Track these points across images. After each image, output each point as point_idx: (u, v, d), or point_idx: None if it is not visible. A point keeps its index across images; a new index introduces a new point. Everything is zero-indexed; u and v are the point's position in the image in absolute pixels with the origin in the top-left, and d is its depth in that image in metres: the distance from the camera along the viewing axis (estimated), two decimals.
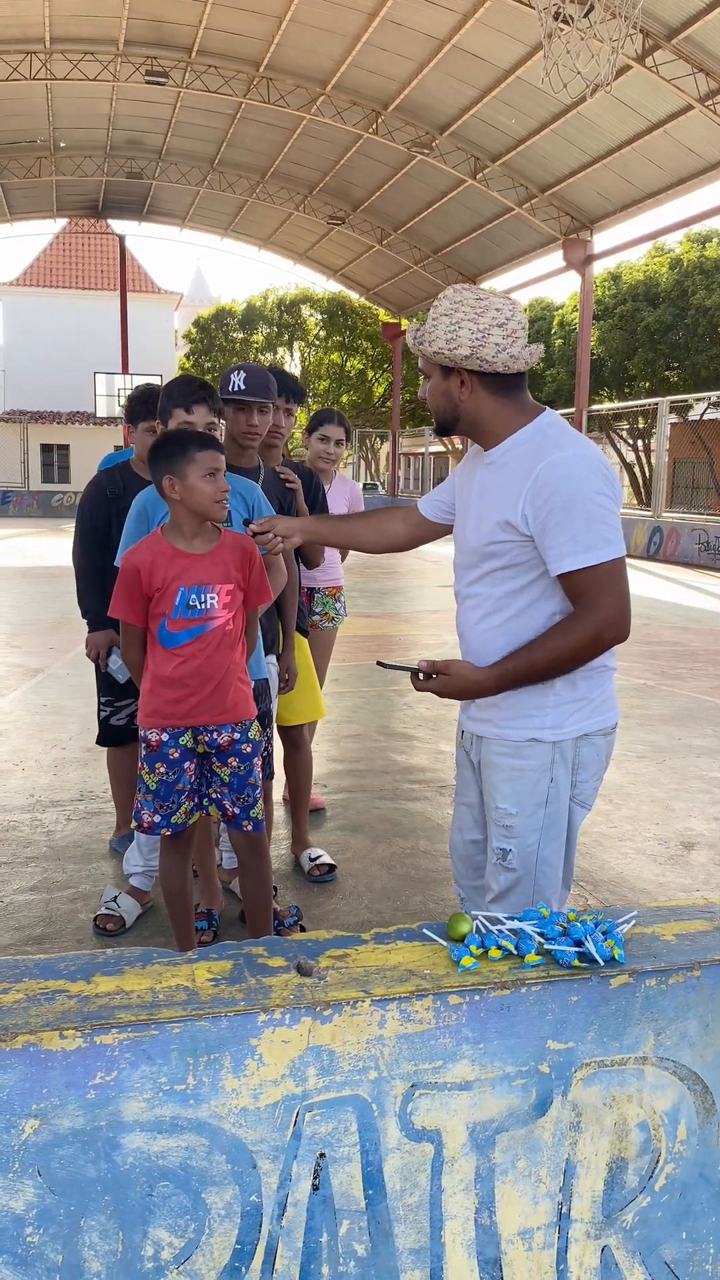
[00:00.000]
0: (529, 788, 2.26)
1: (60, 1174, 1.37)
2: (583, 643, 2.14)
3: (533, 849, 2.28)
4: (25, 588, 14.25)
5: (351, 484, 4.85)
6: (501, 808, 2.28)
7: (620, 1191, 1.63)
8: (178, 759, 2.92)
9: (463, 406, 2.21)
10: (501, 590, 2.24)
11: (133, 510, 3.25)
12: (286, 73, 21.07)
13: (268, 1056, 1.43)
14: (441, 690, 2.26)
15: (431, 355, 2.18)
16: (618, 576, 2.13)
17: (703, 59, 16.05)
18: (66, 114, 23.79)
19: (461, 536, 2.36)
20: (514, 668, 2.20)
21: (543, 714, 2.24)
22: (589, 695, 2.27)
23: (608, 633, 2.14)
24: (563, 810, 2.29)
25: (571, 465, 2.11)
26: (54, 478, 40.63)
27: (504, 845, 2.30)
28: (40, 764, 5.52)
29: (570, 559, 2.10)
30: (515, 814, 2.27)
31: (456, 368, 2.17)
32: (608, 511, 2.12)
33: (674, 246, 31.25)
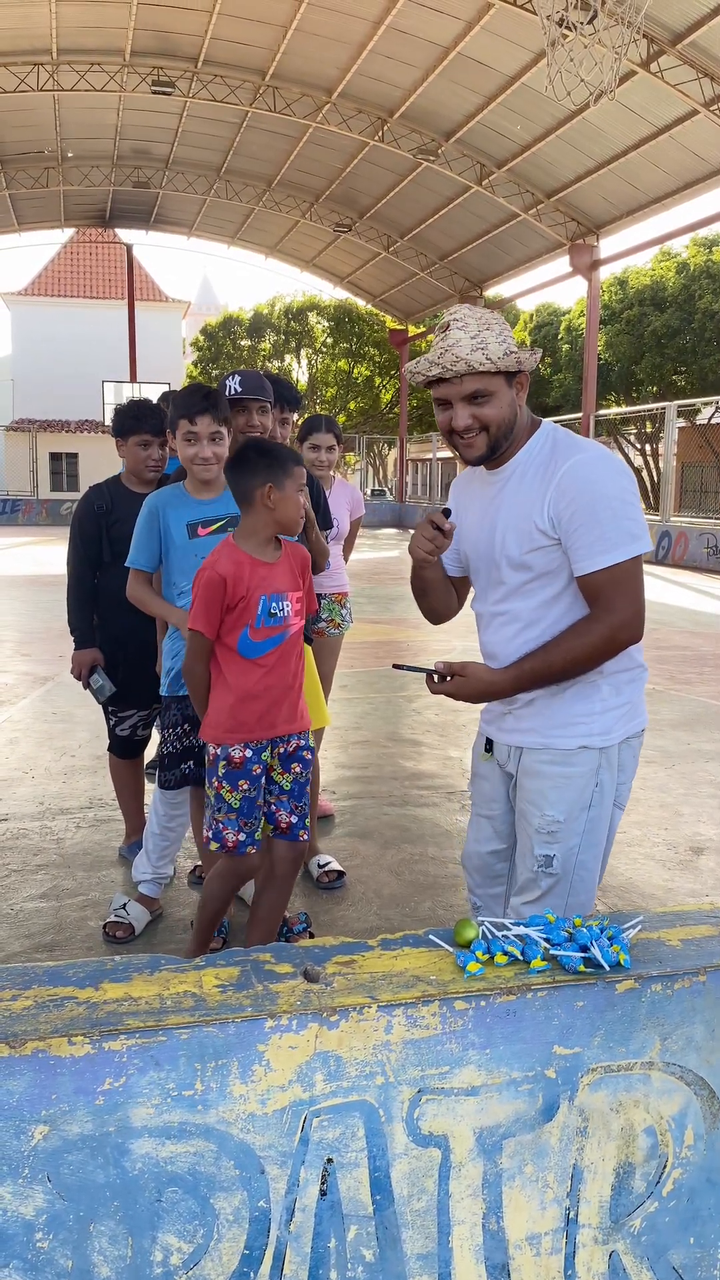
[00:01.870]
0: (576, 794, 2.26)
1: (70, 1180, 1.38)
2: (599, 643, 2.14)
3: (574, 851, 2.29)
4: (35, 596, 14.29)
5: (351, 488, 4.87)
6: (549, 815, 2.27)
7: (628, 1197, 1.63)
8: (259, 774, 2.90)
9: (519, 415, 2.21)
10: (534, 602, 2.24)
11: (144, 512, 3.29)
12: (292, 81, 21.16)
13: (275, 1062, 1.44)
14: (457, 692, 2.25)
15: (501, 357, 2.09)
16: (635, 576, 2.14)
17: (708, 64, 16.08)
18: (74, 124, 23.93)
19: (484, 556, 2.32)
20: (530, 669, 2.19)
21: (590, 720, 2.24)
22: (631, 699, 2.29)
23: (623, 633, 2.14)
24: (605, 814, 2.31)
25: (594, 465, 2.13)
26: (63, 486, 40.76)
27: (548, 851, 2.28)
28: (50, 772, 5.54)
29: (597, 558, 2.10)
30: (562, 821, 2.26)
31: (520, 372, 2.17)
32: (633, 507, 2.13)
33: (681, 251, 31.27)
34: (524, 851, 2.35)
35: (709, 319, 29.10)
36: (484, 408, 2.16)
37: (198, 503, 3.27)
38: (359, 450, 41.93)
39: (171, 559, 3.28)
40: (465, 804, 5.02)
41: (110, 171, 27.13)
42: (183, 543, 3.25)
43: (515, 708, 2.32)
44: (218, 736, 2.89)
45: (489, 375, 2.13)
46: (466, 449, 2.22)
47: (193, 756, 3.36)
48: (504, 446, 2.22)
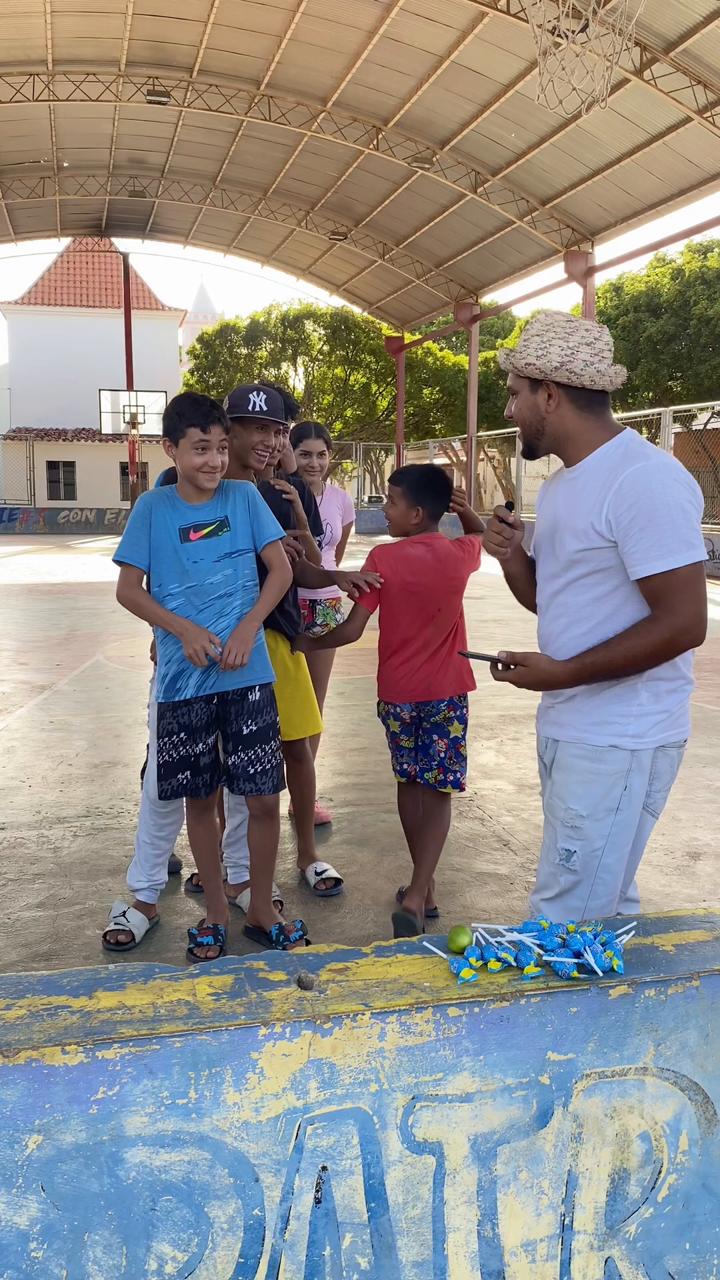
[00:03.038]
0: (602, 792, 2.30)
1: (64, 1189, 1.38)
2: (658, 645, 2.20)
3: (597, 853, 2.32)
4: (32, 605, 14.30)
5: (342, 494, 4.90)
6: (573, 808, 2.32)
7: (623, 1203, 1.63)
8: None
9: (548, 420, 2.32)
10: (585, 598, 2.31)
11: (137, 509, 3.26)
12: (287, 90, 21.22)
13: (269, 1070, 1.44)
14: (519, 680, 2.34)
15: (522, 368, 2.29)
16: (696, 581, 2.18)
17: (701, 71, 16.13)
18: (69, 134, 23.98)
19: (546, 550, 2.43)
20: (591, 663, 2.26)
21: (626, 722, 2.29)
22: (670, 709, 2.32)
23: (683, 637, 2.19)
24: (632, 819, 2.33)
25: (655, 473, 2.19)
26: (60, 495, 40.77)
27: (569, 846, 2.33)
28: (47, 781, 5.54)
29: (653, 563, 2.16)
30: (585, 816, 2.31)
31: (545, 380, 2.28)
32: (689, 516, 2.18)
33: (675, 257, 31.36)
34: (547, 846, 2.40)
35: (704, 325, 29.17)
36: (512, 403, 2.38)
37: (190, 508, 3.25)
38: (356, 457, 41.96)
39: (160, 562, 3.24)
40: (461, 810, 5.02)
41: (106, 181, 27.18)
42: (174, 546, 3.22)
43: (558, 702, 2.40)
44: None
45: (518, 377, 2.32)
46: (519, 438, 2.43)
47: (189, 766, 3.35)
48: (537, 444, 2.37)
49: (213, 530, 3.24)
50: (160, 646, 3.34)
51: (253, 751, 3.33)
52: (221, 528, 3.25)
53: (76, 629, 11.61)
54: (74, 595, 15.32)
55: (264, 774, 3.35)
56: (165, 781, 3.37)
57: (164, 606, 3.23)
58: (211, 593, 3.22)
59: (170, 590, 3.22)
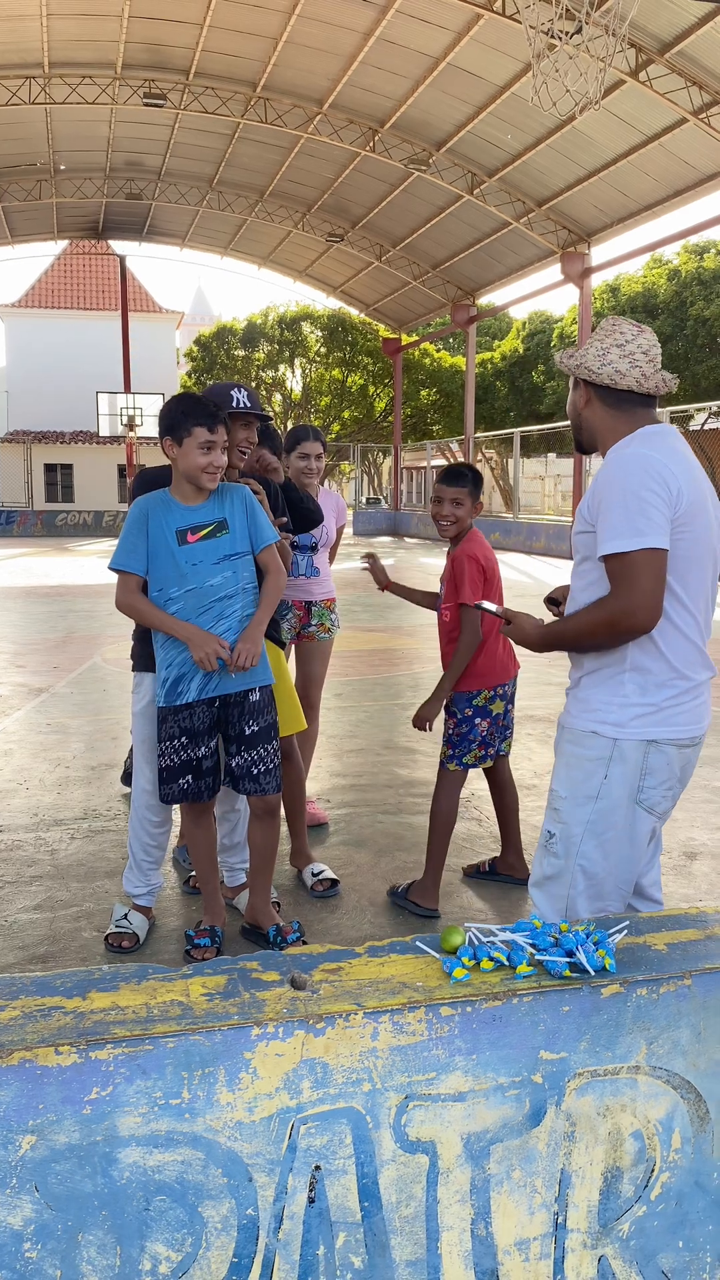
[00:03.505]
0: (582, 776, 2.35)
1: (57, 1189, 1.39)
2: (600, 623, 2.26)
3: (575, 840, 2.36)
4: (29, 607, 14.30)
5: (335, 496, 4.90)
6: (554, 789, 2.42)
7: (616, 1201, 1.64)
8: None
9: (582, 415, 2.44)
10: (582, 583, 2.39)
11: (134, 514, 3.24)
12: (283, 93, 21.24)
13: (262, 1070, 1.45)
14: (509, 635, 2.54)
15: (557, 365, 2.45)
16: (644, 567, 2.19)
17: (696, 72, 16.17)
18: (66, 137, 24.00)
19: None
20: (554, 631, 2.40)
21: (608, 710, 2.34)
22: (658, 703, 2.32)
23: (624, 619, 2.21)
24: (613, 811, 2.34)
25: (625, 460, 2.25)
26: (58, 497, 40.76)
27: (550, 827, 2.41)
28: (44, 783, 5.54)
29: (607, 544, 2.23)
30: (565, 798, 2.37)
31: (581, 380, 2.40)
32: (646, 504, 2.20)
33: (672, 258, 31.41)
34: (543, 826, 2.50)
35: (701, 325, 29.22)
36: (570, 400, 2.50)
37: (187, 509, 3.23)
38: (353, 459, 41.99)
39: (159, 566, 3.21)
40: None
41: (103, 183, 27.20)
42: (173, 549, 3.19)
43: (570, 689, 2.49)
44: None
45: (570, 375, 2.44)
46: None
47: (190, 770, 3.33)
48: (582, 438, 2.48)
49: (211, 531, 3.23)
50: (160, 651, 3.31)
51: (255, 751, 3.34)
52: (220, 529, 3.24)
53: (74, 631, 11.61)
54: (72, 598, 15.32)
55: (267, 774, 3.37)
56: (167, 786, 3.36)
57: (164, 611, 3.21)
58: (211, 595, 3.21)
59: (170, 594, 3.21)
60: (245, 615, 3.26)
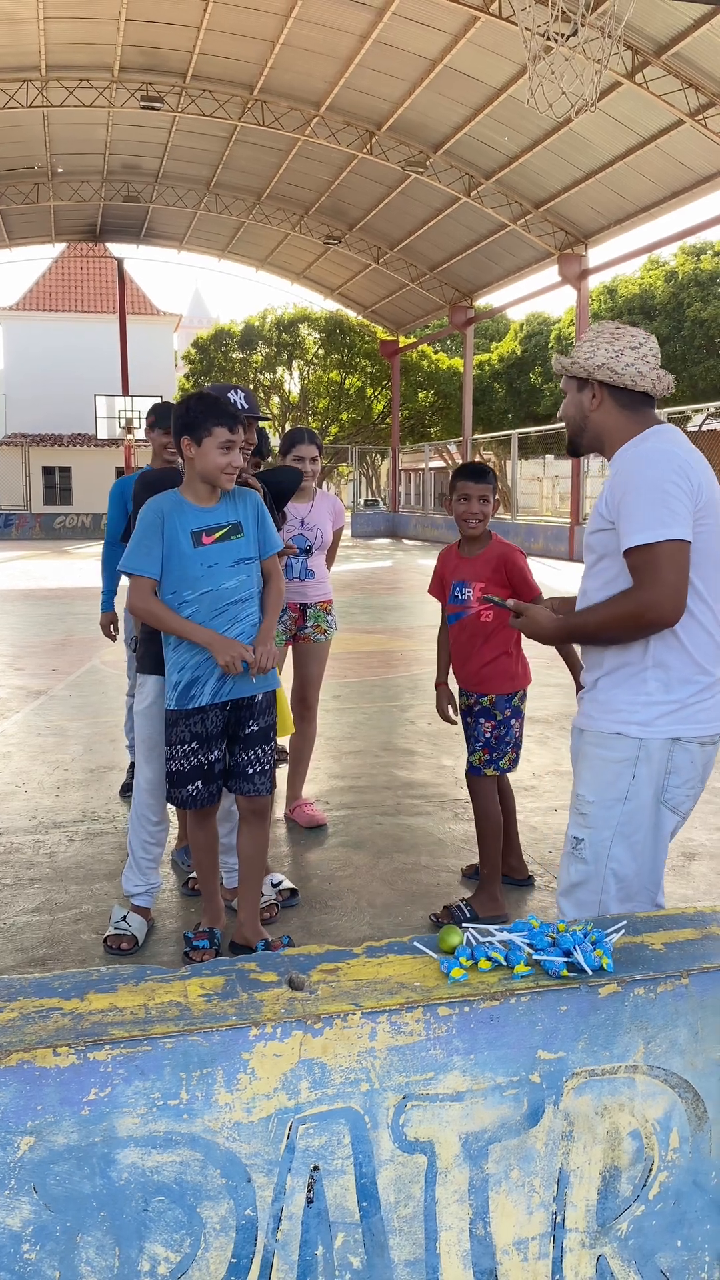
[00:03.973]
0: (610, 779, 2.33)
1: (56, 1190, 1.39)
2: (625, 615, 2.24)
3: (605, 843, 2.33)
4: (28, 610, 14.30)
5: (333, 499, 4.90)
6: (580, 794, 2.38)
7: (614, 1200, 1.64)
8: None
9: (591, 418, 2.41)
10: (598, 583, 2.37)
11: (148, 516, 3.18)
12: (280, 95, 21.26)
13: (260, 1070, 1.45)
14: (522, 628, 2.49)
15: (569, 368, 2.40)
16: (670, 559, 2.19)
17: (692, 74, 16.19)
18: (63, 140, 24.02)
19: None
20: (572, 624, 2.38)
21: (633, 710, 2.32)
22: (683, 700, 2.31)
23: (650, 612, 2.21)
24: (641, 812, 2.33)
25: (646, 453, 2.26)
26: (56, 500, 40.76)
27: (578, 833, 2.37)
28: (43, 786, 5.54)
29: (631, 537, 2.21)
30: (593, 802, 2.34)
31: (590, 380, 2.37)
32: (669, 496, 2.20)
33: (669, 259, 31.44)
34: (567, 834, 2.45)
35: (698, 327, 29.25)
36: (563, 404, 2.49)
37: (200, 511, 3.20)
38: (351, 461, 42.00)
39: (174, 569, 3.17)
40: (457, 813, 5.02)
41: (100, 186, 27.21)
42: (189, 552, 3.15)
43: (586, 692, 2.46)
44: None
45: (567, 378, 2.44)
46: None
47: (201, 775, 3.32)
48: (579, 441, 2.46)
49: (226, 534, 3.21)
50: (171, 654, 3.27)
51: (253, 751, 3.35)
52: (234, 532, 3.22)
53: (72, 634, 11.61)
54: (70, 600, 15.31)
55: (262, 774, 3.37)
56: (178, 790, 3.34)
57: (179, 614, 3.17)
58: (227, 598, 3.20)
59: (185, 597, 3.17)
60: (256, 620, 3.27)
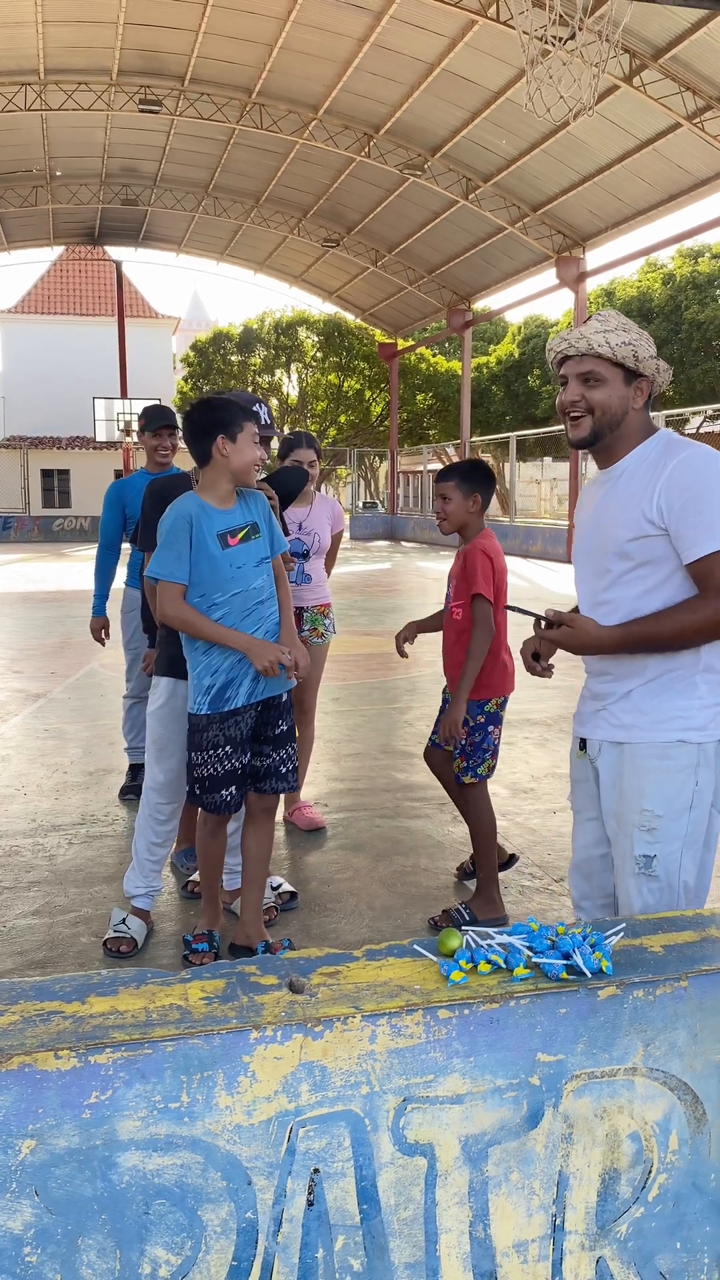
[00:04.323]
0: (675, 790, 2.26)
1: (57, 1193, 1.39)
2: (705, 621, 2.19)
3: (675, 856, 2.28)
4: (27, 613, 14.30)
5: (332, 503, 4.90)
6: (647, 809, 2.28)
7: (614, 1202, 1.64)
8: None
9: (630, 414, 2.31)
10: (635, 591, 2.29)
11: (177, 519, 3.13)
12: (279, 98, 21.29)
13: (260, 1073, 1.45)
14: (564, 641, 2.30)
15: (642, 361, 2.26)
16: None
17: (689, 77, 16.22)
18: (62, 143, 24.03)
19: (591, 550, 2.40)
20: (638, 632, 2.24)
21: (690, 715, 2.27)
22: None
23: None
24: (704, 817, 2.30)
25: (705, 459, 2.23)
26: (54, 503, 40.76)
27: (648, 851, 2.28)
28: (42, 789, 5.54)
29: (705, 544, 2.17)
30: (661, 816, 2.27)
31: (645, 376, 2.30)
32: None
33: (666, 262, 31.48)
34: (623, 855, 2.33)
35: (695, 329, 29.28)
36: (594, 390, 2.28)
37: (221, 513, 3.19)
38: (350, 463, 42.00)
39: (204, 572, 3.13)
40: (456, 815, 5.03)
41: (99, 189, 27.23)
42: (218, 554, 3.13)
43: (609, 703, 2.36)
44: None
45: (605, 362, 2.27)
46: (573, 429, 2.34)
47: (234, 780, 3.30)
48: (606, 436, 2.32)
49: (246, 534, 3.22)
50: (200, 657, 3.21)
51: (285, 750, 3.40)
52: (253, 532, 3.24)
53: (71, 637, 11.60)
54: (68, 603, 15.31)
55: (293, 771, 3.45)
56: (211, 796, 3.29)
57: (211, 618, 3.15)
58: (254, 598, 3.21)
59: (215, 600, 3.15)
60: (276, 619, 3.31)
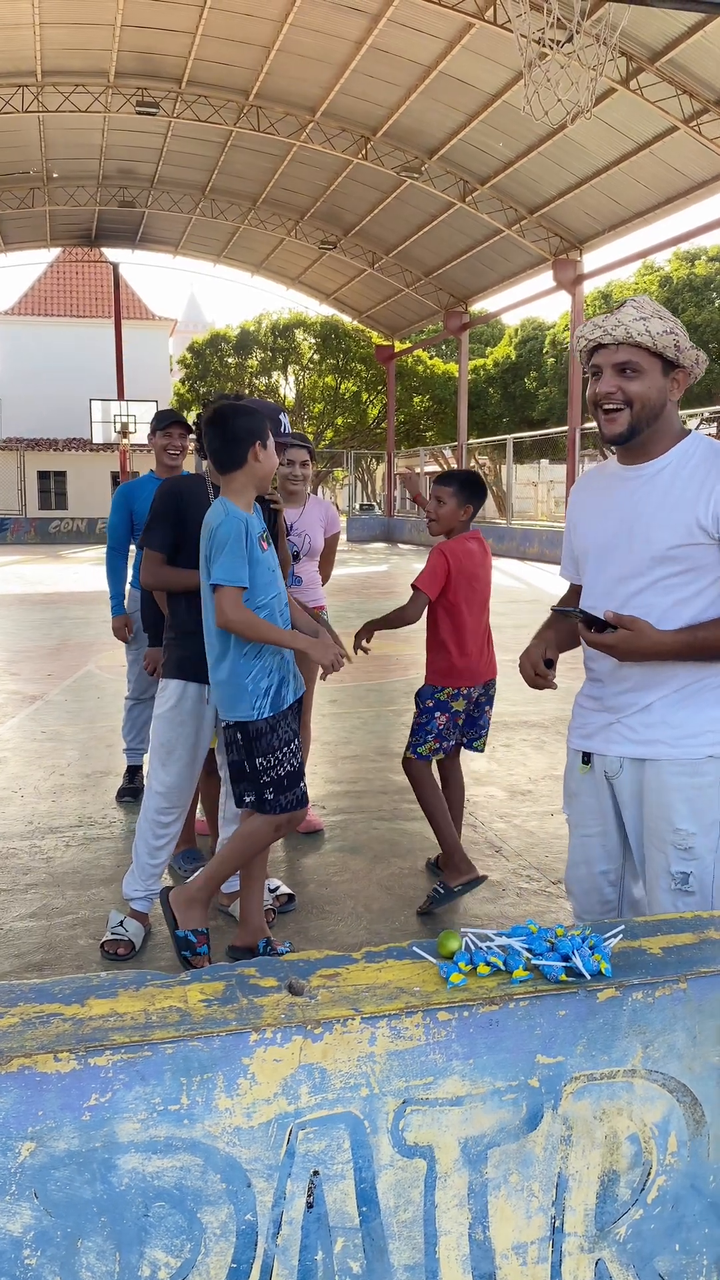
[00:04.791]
0: (706, 805, 2.22)
1: (57, 1196, 1.39)
2: None
3: (709, 870, 2.24)
4: (23, 615, 14.29)
5: (326, 505, 4.86)
6: (682, 828, 2.23)
7: (613, 1204, 1.64)
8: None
9: (668, 407, 2.22)
10: (672, 599, 2.21)
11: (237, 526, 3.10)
12: (276, 101, 21.32)
13: (260, 1075, 1.45)
14: (620, 644, 2.16)
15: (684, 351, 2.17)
16: None
17: (686, 81, 16.27)
18: (59, 145, 24.05)
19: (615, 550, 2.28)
20: (703, 638, 2.16)
21: (717, 730, 2.23)
22: None
23: None
24: None
25: None
26: (51, 504, 40.76)
27: (684, 869, 2.24)
28: (39, 791, 5.54)
29: None
30: (695, 833, 2.23)
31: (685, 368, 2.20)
32: None
33: (663, 265, 31.54)
34: (656, 872, 2.28)
35: (692, 331, 29.32)
36: (631, 382, 2.17)
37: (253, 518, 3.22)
38: (347, 466, 42.02)
39: (255, 575, 3.15)
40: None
41: (96, 191, 27.25)
42: (260, 557, 3.16)
43: (625, 716, 2.29)
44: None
45: (644, 351, 2.15)
46: (609, 424, 2.20)
47: (301, 776, 3.29)
48: (644, 432, 2.21)
49: (266, 539, 3.27)
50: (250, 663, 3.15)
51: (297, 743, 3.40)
52: (268, 537, 3.29)
53: (68, 639, 11.60)
54: (65, 605, 15.31)
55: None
56: (288, 794, 3.24)
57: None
58: (283, 600, 3.28)
59: (259, 602, 3.17)
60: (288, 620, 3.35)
